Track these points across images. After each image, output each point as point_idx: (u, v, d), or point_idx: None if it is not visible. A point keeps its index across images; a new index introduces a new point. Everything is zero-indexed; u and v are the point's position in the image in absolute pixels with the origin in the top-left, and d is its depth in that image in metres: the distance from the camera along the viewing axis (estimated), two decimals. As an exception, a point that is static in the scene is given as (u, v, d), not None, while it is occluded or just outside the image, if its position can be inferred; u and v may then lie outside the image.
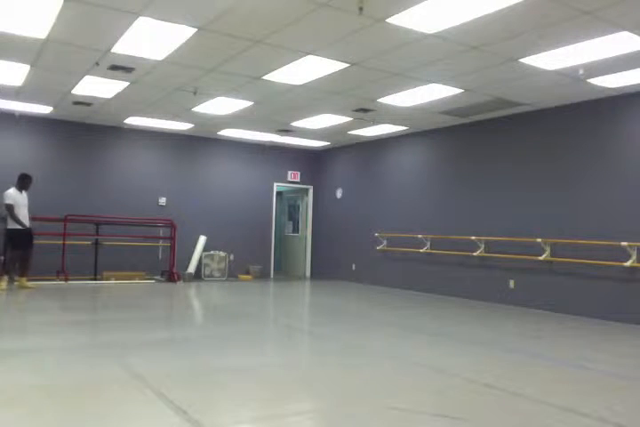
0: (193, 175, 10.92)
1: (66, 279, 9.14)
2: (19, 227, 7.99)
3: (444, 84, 6.70)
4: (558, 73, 6.08)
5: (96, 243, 9.67)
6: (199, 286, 9.68)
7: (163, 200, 10.56)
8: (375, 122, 9.06)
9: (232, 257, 11.19)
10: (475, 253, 8.37)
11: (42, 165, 9.43)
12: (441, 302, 8.29)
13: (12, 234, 8.02)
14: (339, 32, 5.10)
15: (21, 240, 8.07)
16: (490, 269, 8.30)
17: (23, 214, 8.06)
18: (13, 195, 7.98)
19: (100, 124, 9.96)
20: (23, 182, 8.12)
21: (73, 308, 6.88)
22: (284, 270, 12.85)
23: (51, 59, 6.20)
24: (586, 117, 7.20)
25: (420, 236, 9.39)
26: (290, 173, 12.06)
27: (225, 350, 4.64)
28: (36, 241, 8.69)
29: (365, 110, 8.24)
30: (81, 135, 9.85)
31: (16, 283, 8.34)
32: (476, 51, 5.48)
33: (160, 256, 10.48)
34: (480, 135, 8.66)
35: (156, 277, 10.23)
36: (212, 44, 5.55)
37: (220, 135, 10.80)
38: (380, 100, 7.54)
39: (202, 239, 10.62)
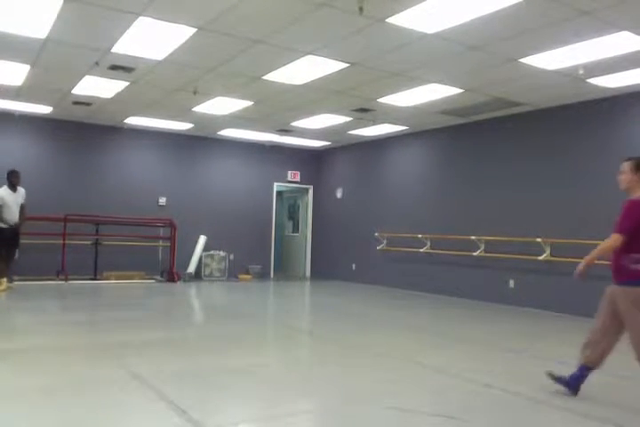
0: (193, 175, 10.91)
1: (66, 279, 9.13)
2: (3, 226, 7.92)
3: (444, 84, 6.70)
4: (558, 73, 6.08)
5: (96, 243, 9.66)
6: (199, 286, 9.68)
7: (163, 200, 10.55)
8: (375, 122, 9.05)
9: (232, 257, 11.18)
10: (475, 253, 8.37)
11: (42, 165, 9.42)
12: (441, 302, 8.29)
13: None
14: (339, 32, 5.10)
15: (7, 239, 7.95)
16: (490, 270, 8.29)
17: (11, 213, 7.95)
18: (2, 194, 7.92)
19: (100, 124, 9.95)
20: (10, 179, 7.99)
21: (73, 308, 6.88)
22: (284, 270, 12.84)
23: (51, 59, 6.20)
24: (586, 117, 7.20)
25: (420, 236, 9.38)
26: (290, 172, 12.05)
27: (225, 350, 4.64)
28: (35, 241, 8.70)
29: (365, 110, 8.24)
30: (81, 135, 9.84)
31: None
32: (476, 51, 5.48)
33: (160, 256, 10.48)
34: (480, 135, 8.66)
35: (155, 277, 10.22)
36: (212, 44, 5.55)
37: (220, 135, 10.80)
38: (379, 100, 7.54)
39: (202, 239, 10.62)
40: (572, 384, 3.48)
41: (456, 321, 6.55)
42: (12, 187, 8.03)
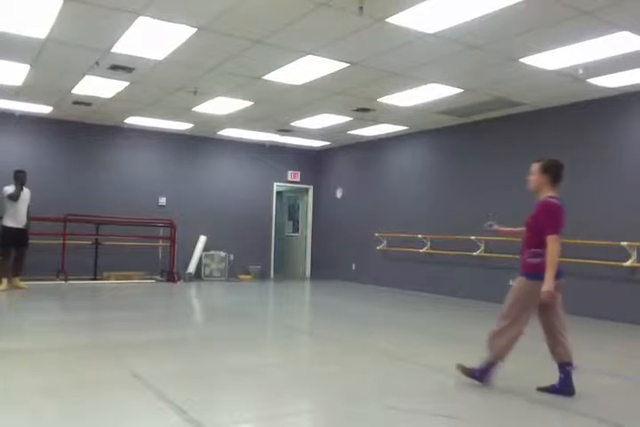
0: (193, 175, 10.91)
1: (66, 279, 9.13)
2: (12, 225, 7.92)
3: (444, 84, 6.70)
4: (558, 73, 6.08)
5: (96, 243, 9.66)
6: (199, 286, 9.68)
7: (163, 200, 10.55)
8: (375, 122, 9.06)
9: (232, 257, 11.18)
10: (475, 253, 8.37)
11: (42, 165, 9.41)
12: (441, 302, 8.28)
13: (4, 232, 7.92)
14: (339, 32, 5.10)
15: (13, 239, 7.97)
16: (490, 270, 8.29)
17: (18, 212, 7.96)
18: (10, 191, 7.92)
19: (100, 124, 9.95)
20: (16, 178, 7.99)
21: (73, 308, 6.88)
22: (284, 270, 12.84)
23: (51, 59, 6.20)
24: (586, 117, 7.20)
25: (420, 236, 9.38)
26: (290, 172, 12.05)
27: (225, 350, 4.64)
28: (35, 241, 8.68)
29: (365, 110, 8.24)
30: (81, 135, 9.84)
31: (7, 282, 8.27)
32: (476, 51, 5.48)
33: (160, 256, 10.48)
34: (480, 135, 8.65)
35: (155, 277, 10.22)
36: (211, 44, 5.55)
37: (220, 135, 10.80)
38: (379, 100, 7.54)
39: (202, 239, 10.61)
40: (564, 388, 3.49)
41: (456, 321, 6.55)
42: (20, 186, 8.05)
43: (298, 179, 12.18)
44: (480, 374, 3.61)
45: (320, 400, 3.34)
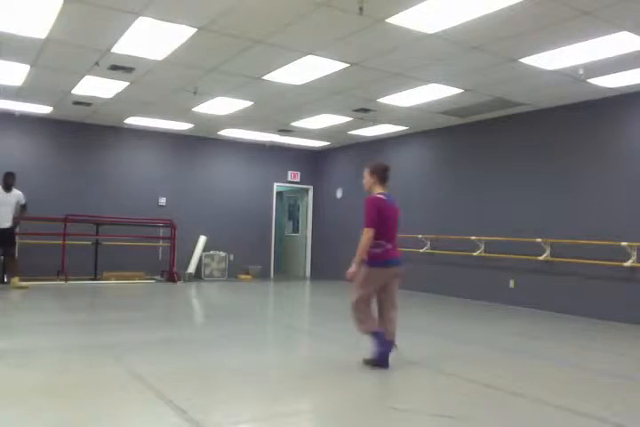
0: (193, 175, 10.91)
1: (66, 279, 9.13)
2: None
3: (444, 84, 6.70)
4: (558, 73, 6.08)
5: (96, 243, 9.66)
6: (199, 286, 9.68)
7: (163, 200, 10.56)
8: (375, 122, 9.06)
9: (232, 257, 11.18)
10: (475, 253, 8.37)
11: (42, 165, 9.43)
12: (441, 302, 8.28)
13: None
14: (339, 32, 5.10)
15: None
16: (490, 270, 8.29)
17: (2, 214, 7.94)
18: None
19: (100, 124, 9.95)
20: (5, 180, 8.02)
21: (73, 308, 6.88)
22: (284, 270, 12.85)
23: (51, 59, 6.20)
24: (586, 117, 7.20)
25: (420, 236, 9.38)
26: (290, 173, 12.06)
27: (225, 349, 4.64)
28: (35, 241, 8.70)
29: (365, 110, 8.24)
30: (81, 135, 9.85)
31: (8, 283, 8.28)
32: (476, 51, 5.48)
33: (160, 256, 10.48)
34: (480, 135, 8.66)
35: (155, 278, 10.22)
36: (212, 44, 5.55)
37: (220, 135, 10.80)
38: (379, 100, 7.54)
39: (202, 239, 10.62)
40: (382, 360, 4.02)
41: (455, 321, 6.55)
42: (7, 188, 8.05)
43: (298, 179, 12.18)
44: (380, 357, 3.96)
45: (320, 400, 3.34)
